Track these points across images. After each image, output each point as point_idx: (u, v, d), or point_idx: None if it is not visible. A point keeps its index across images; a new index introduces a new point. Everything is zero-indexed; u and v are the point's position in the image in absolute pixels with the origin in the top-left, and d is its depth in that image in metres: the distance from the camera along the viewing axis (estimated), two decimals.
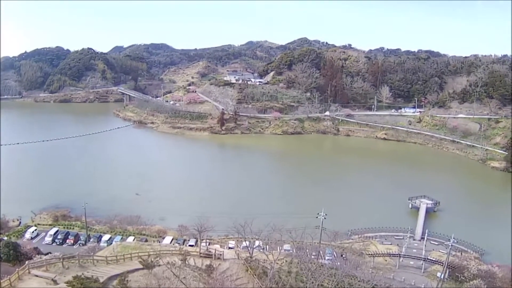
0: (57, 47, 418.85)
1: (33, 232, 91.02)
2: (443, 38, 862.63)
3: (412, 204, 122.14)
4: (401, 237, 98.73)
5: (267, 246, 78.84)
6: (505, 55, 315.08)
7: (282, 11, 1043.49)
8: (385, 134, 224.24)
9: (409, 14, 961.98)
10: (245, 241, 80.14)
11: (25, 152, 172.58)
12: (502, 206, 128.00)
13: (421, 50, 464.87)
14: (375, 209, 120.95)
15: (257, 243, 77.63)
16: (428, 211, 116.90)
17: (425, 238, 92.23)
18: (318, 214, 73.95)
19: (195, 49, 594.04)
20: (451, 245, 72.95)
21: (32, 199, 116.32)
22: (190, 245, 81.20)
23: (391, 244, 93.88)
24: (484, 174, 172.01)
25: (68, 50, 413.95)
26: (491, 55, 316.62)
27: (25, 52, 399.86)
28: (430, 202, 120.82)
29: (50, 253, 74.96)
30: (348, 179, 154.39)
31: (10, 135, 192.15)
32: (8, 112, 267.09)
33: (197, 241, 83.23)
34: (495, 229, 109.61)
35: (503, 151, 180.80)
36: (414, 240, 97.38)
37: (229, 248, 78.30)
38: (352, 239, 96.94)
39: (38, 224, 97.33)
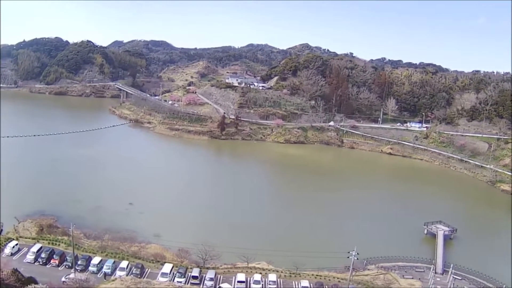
0: (56, 37, 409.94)
1: (13, 247, 79.99)
2: (444, 52, 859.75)
3: (427, 230, 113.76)
4: (422, 269, 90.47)
5: (281, 280, 70.33)
6: (507, 73, 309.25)
7: (284, 14, 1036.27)
8: (391, 148, 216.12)
9: (411, 26, 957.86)
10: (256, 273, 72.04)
11: (12, 146, 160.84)
12: None
13: (422, 63, 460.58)
14: (387, 233, 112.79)
15: (270, 277, 69.42)
16: (444, 239, 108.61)
17: (450, 272, 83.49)
18: (349, 252, 65.13)
19: (195, 48, 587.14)
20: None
21: (16, 202, 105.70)
22: (193, 277, 71.46)
23: (412, 278, 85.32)
24: (494, 197, 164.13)
25: (67, 41, 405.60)
26: (493, 72, 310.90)
27: (24, 40, 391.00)
28: (447, 228, 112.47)
29: (30, 278, 64.97)
30: (355, 197, 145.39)
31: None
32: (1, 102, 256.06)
33: (201, 271, 73.86)
34: None
35: None
36: (435, 273, 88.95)
37: (238, 282, 69.01)
38: (368, 269, 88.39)
39: (20, 237, 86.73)
